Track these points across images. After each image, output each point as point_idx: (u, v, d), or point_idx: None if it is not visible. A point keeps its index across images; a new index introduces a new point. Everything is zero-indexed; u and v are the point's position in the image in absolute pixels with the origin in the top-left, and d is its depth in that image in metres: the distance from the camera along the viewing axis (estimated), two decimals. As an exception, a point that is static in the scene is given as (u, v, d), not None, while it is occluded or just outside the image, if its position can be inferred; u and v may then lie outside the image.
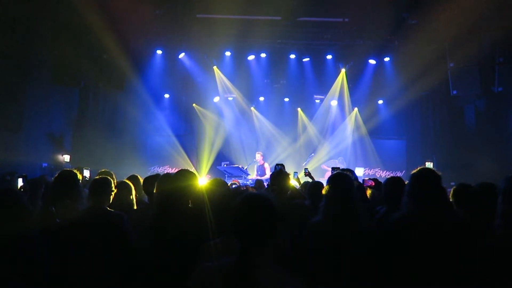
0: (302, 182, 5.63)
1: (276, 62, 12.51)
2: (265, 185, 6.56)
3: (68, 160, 9.66)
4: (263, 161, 10.97)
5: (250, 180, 9.94)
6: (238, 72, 12.63)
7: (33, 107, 9.35)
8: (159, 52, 12.12)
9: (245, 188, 5.62)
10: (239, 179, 9.61)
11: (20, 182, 4.69)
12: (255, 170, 11.03)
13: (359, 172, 10.43)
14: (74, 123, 11.41)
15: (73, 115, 11.45)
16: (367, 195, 4.54)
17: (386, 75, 12.34)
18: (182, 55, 12.21)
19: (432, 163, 10.37)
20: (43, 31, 8.95)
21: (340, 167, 5.75)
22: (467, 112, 11.73)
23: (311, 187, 4.18)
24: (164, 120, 13.19)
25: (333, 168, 4.82)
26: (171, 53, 12.15)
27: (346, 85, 12.75)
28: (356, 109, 13.18)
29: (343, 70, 12.50)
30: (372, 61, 12.13)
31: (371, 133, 13.09)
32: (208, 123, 13.35)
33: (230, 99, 13.47)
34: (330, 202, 2.86)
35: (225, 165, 10.82)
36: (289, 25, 10.90)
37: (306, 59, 12.43)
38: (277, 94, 13.36)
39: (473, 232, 2.47)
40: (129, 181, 3.95)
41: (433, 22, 9.94)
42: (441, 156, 11.62)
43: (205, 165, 12.86)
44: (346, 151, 13.14)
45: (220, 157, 12.58)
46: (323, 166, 12.60)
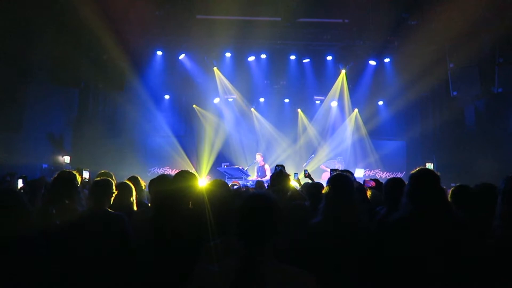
0: (303, 183, 5.63)
1: (276, 63, 12.50)
2: (266, 186, 6.56)
3: (68, 161, 9.66)
4: (263, 162, 10.97)
5: (250, 181, 9.94)
6: (238, 73, 12.62)
7: (33, 108, 9.36)
8: (159, 53, 12.12)
9: (246, 189, 5.62)
10: (239, 180, 9.61)
11: (20, 183, 4.70)
12: (255, 171, 11.03)
13: (360, 173, 10.41)
14: (74, 124, 11.42)
15: (73, 116, 11.47)
16: (368, 196, 4.54)
17: (386, 76, 12.34)
18: (182, 56, 12.21)
19: (433, 164, 10.37)
20: (43, 32, 8.95)
21: (339, 167, 5.76)
22: (467, 113, 11.73)
23: (311, 188, 4.18)
24: (164, 121, 13.18)
25: (332, 170, 4.83)
26: (171, 54, 12.14)
27: (346, 86, 12.74)
28: (356, 110, 13.18)
29: (343, 71, 12.49)
30: (372, 62, 12.12)
31: (371, 134, 13.09)
32: (208, 124, 13.34)
33: (230, 100, 13.45)
34: (330, 203, 2.86)
35: (225, 166, 10.82)
36: (289, 26, 10.90)
37: (306, 60, 12.42)
38: (277, 95, 13.36)
39: (472, 233, 2.47)
40: (129, 182, 3.94)
41: (433, 23, 9.94)
42: (441, 157, 11.61)
43: (205, 166, 12.85)
44: (346, 152, 13.14)
45: (220, 158, 12.56)
46: (322, 167, 12.60)
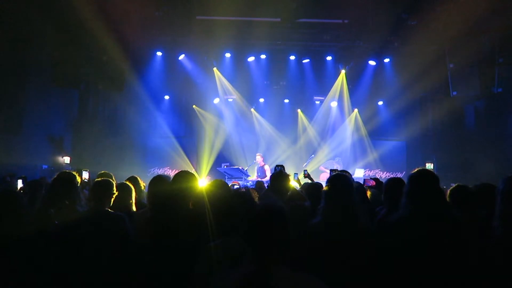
0: (302, 183, 5.63)
1: (276, 64, 12.51)
2: (266, 187, 6.55)
3: (68, 162, 9.67)
4: (263, 163, 10.96)
5: (250, 182, 9.94)
6: (238, 74, 12.63)
7: (33, 109, 9.38)
8: (159, 54, 12.13)
9: (246, 189, 5.61)
10: (239, 181, 9.61)
11: (20, 184, 4.70)
12: (255, 172, 11.02)
13: (360, 174, 10.41)
14: (74, 125, 11.43)
15: (73, 117, 11.48)
16: (368, 196, 4.54)
17: (386, 76, 12.35)
18: (182, 57, 12.21)
19: (432, 164, 10.37)
20: (43, 34, 8.96)
21: (338, 168, 5.77)
22: (467, 113, 11.74)
23: (311, 188, 4.18)
24: (164, 122, 13.20)
25: (331, 170, 4.83)
26: (171, 55, 12.15)
27: (346, 86, 12.75)
28: (356, 110, 13.18)
29: (343, 71, 12.50)
30: (372, 62, 12.13)
31: (371, 134, 13.09)
32: (208, 125, 13.34)
33: (230, 101, 13.46)
34: (330, 203, 2.85)
35: (225, 167, 10.81)
36: (289, 27, 10.91)
37: (306, 61, 12.43)
38: (277, 96, 13.36)
39: (472, 233, 2.46)
40: (129, 183, 3.94)
41: (433, 23, 9.95)
42: (441, 157, 11.62)
43: (205, 167, 12.85)
44: (346, 152, 13.14)
45: (220, 159, 12.56)
46: (321, 168, 12.61)
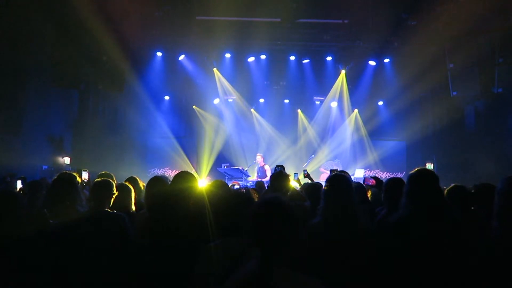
0: (302, 184, 5.63)
1: (276, 64, 12.51)
2: (266, 187, 6.55)
3: (68, 162, 9.67)
4: (264, 163, 10.96)
5: (251, 182, 9.93)
6: (238, 74, 12.63)
7: (33, 109, 9.38)
8: (159, 54, 12.13)
9: (246, 190, 5.61)
10: (240, 181, 9.61)
11: (19, 184, 4.70)
12: (256, 172, 11.02)
13: (360, 174, 10.41)
14: (74, 125, 11.43)
15: (73, 117, 11.48)
16: (368, 196, 4.54)
17: (386, 76, 12.35)
18: (182, 57, 12.22)
19: (433, 164, 10.37)
20: (43, 34, 8.96)
21: (337, 170, 5.78)
22: (467, 113, 11.73)
23: (310, 188, 4.18)
24: (164, 122, 13.19)
25: (331, 170, 4.83)
26: (171, 55, 12.16)
27: (346, 87, 12.75)
28: (356, 111, 13.18)
29: (343, 72, 12.50)
30: (372, 62, 12.13)
31: (371, 134, 13.09)
32: (208, 125, 13.34)
33: (230, 101, 13.46)
34: (329, 203, 2.85)
35: (226, 167, 10.80)
36: (289, 27, 10.91)
37: (306, 61, 12.43)
38: (277, 96, 13.36)
39: (471, 233, 2.46)
40: (128, 183, 3.95)
41: (433, 23, 9.95)
42: (441, 157, 11.62)
43: (206, 167, 12.85)
44: (346, 153, 13.14)
45: (220, 159, 12.56)
46: (321, 169, 12.61)
